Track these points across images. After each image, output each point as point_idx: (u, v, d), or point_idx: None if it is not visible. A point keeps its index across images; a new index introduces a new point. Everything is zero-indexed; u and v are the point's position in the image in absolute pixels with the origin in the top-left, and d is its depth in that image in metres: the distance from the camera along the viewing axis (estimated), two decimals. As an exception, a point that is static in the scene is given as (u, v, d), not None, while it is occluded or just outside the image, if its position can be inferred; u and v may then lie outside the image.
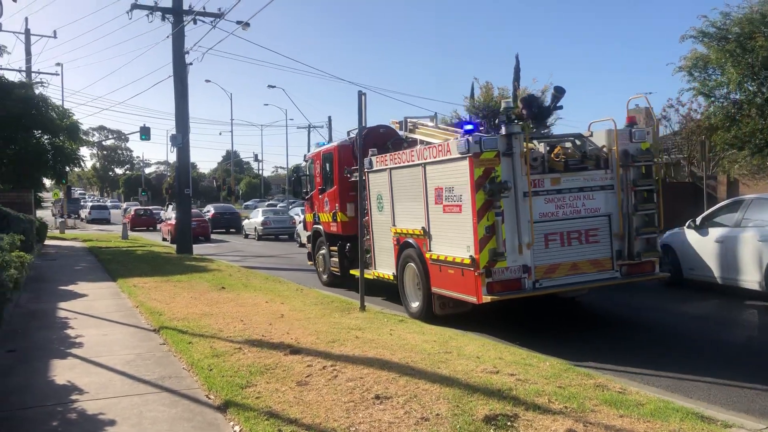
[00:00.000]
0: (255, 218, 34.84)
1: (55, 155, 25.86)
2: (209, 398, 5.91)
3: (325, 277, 14.69)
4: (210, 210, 41.27)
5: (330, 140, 29.11)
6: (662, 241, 11.86)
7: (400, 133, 12.21)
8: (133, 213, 48.98)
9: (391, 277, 11.02)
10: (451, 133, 9.84)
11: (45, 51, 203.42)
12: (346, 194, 13.19)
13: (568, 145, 9.57)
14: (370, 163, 11.51)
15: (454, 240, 9.03)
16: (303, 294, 12.22)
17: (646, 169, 9.23)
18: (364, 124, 10.83)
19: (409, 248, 10.29)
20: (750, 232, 10.70)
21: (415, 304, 10.19)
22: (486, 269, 8.38)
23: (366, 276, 11.10)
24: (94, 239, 32.24)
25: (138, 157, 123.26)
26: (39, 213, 33.19)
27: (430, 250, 9.69)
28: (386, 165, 10.97)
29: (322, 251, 14.69)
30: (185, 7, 23.64)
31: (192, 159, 25.82)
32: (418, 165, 9.87)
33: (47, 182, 33.42)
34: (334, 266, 14.06)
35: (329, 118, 59.18)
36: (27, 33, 37.88)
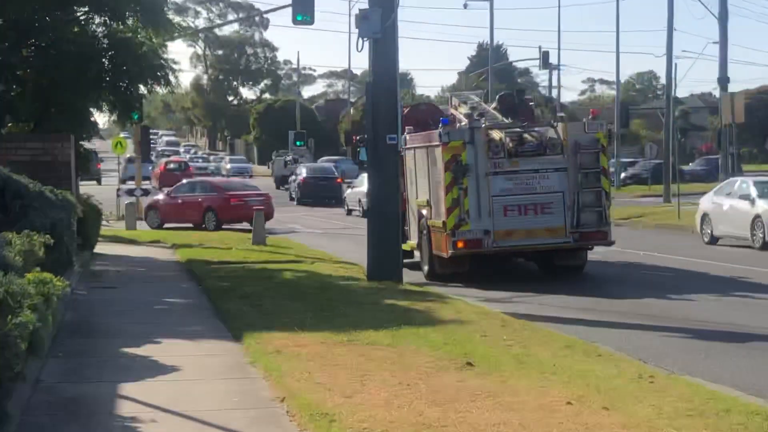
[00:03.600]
0: (360, 186, 42.78)
1: (117, 61, 27.57)
2: None
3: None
4: (301, 172, 53.29)
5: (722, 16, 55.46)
6: None
7: (443, 108, 28.30)
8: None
9: (415, 244, 26.22)
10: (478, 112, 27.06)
11: None
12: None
13: (534, 134, 26.90)
14: (405, 141, 25.72)
15: (439, 209, 24.49)
16: (654, 388, 11.92)
17: (595, 155, 25.15)
18: None
19: (422, 219, 25.73)
20: None
21: (425, 267, 25.47)
22: (452, 231, 23.85)
23: (404, 247, 25.89)
24: (195, 242, 34.22)
25: (289, 62, 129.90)
26: (86, 186, 35.89)
27: (431, 218, 25.06)
28: (414, 144, 26.47)
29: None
30: None
31: (405, 65, 26.44)
32: (425, 147, 25.48)
33: (102, 119, 35.96)
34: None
35: None
36: None
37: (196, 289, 21.82)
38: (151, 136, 54.63)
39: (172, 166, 53.80)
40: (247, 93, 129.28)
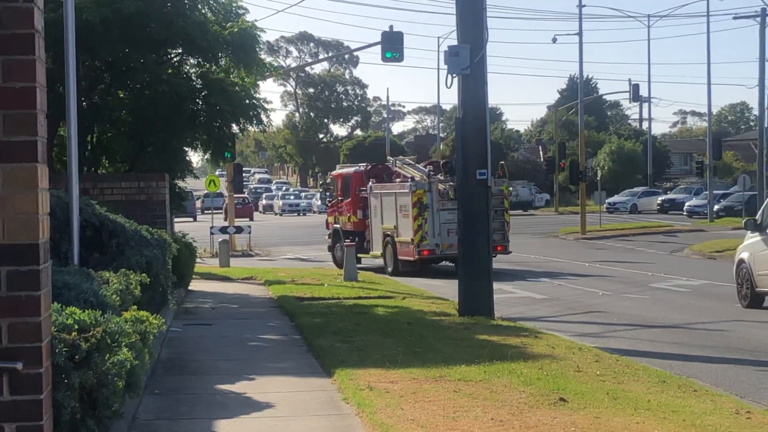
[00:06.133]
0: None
1: (210, 100, 27.99)
2: None
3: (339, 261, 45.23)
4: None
5: None
6: None
7: (391, 166, 50.98)
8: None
9: (379, 254, 46.63)
10: (416, 170, 46.36)
11: None
12: (357, 204, 48.78)
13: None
14: (371, 188, 47.47)
15: (407, 231, 43.72)
16: (751, 423, 11.77)
17: (500, 199, 44.03)
18: None
19: (387, 237, 45.86)
20: None
21: (389, 268, 45.17)
22: (417, 244, 42.90)
23: (364, 256, 47.38)
24: (287, 279, 34.49)
25: (378, 99, 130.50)
26: (180, 224, 36.21)
27: (398, 236, 44.63)
28: (379, 191, 47.10)
29: (338, 244, 47.20)
30: None
31: (493, 100, 26.36)
32: (392, 193, 45.80)
33: (196, 158, 36.41)
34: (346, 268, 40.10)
35: None
36: None
37: (288, 325, 21.96)
38: (243, 174, 55.89)
39: (236, 201, 57.70)
40: (338, 130, 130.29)
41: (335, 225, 49.99)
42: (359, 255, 44.50)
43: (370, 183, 47.76)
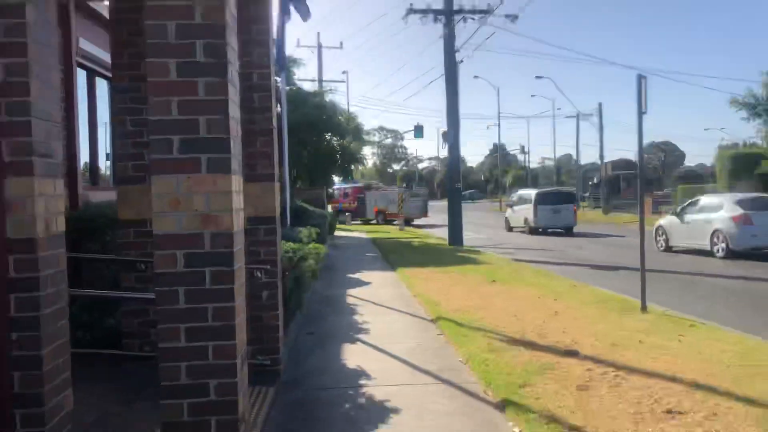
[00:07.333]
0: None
1: (342, 155, 28.25)
2: (486, 394, 5.82)
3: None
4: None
5: (600, 127, 49.93)
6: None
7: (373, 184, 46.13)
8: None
9: (372, 218, 38.91)
10: (389, 189, 45.11)
11: (334, 61, 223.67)
12: (353, 200, 40.36)
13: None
14: (367, 190, 41.13)
15: (394, 208, 36.59)
16: (577, 290, 11.66)
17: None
18: (644, 110, 9.98)
19: (378, 210, 38.71)
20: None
21: (375, 221, 38.14)
22: (399, 212, 34.83)
23: (362, 219, 39.76)
24: (376, 231, 34.55)
25: (412, 153, 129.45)
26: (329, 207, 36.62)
27: (387, 210, 38.29)
28: (374, 191, 41.26)
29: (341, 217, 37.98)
30: (455, 7, 24.18)
31: (461, 153, 26.31)
32: (385, 190, 42.13)
33: (335, 179, 36.62)
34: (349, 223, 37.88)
35: (599, 105, 54.59)
36: (319, 47, 41.95)
37: (376, 250, 21.98)
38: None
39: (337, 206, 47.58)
40: (395, 167, 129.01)
41: (340, 210, 41.54)
42: (360, 218, 39.39)
43: (365, 192, 40.73)
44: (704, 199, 19.39)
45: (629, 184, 51.57)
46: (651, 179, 56.78)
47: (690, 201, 20.32)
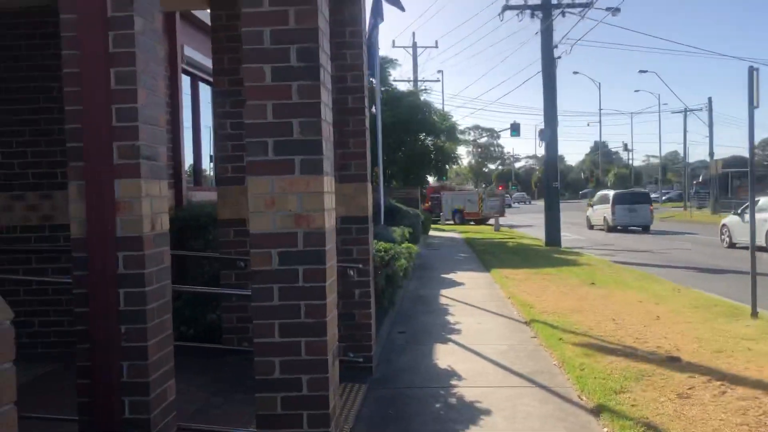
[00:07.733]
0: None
1: (437, 154, 28.13)
2: (581, 399, 5.68)
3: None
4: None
5: (710, 123, 49.63)
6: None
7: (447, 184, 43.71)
8: None
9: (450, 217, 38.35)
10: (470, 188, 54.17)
11: (428, 61, 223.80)
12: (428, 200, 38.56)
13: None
14: (441, 192, 39.98)
15: (473, 208, 38.05)
16: (681, 294, 11.15)
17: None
18: (756, 104, 9.43)
19: (455, 210, 38.04)
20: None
21: (450, 222, 37.18)
22: (479, 212, 37.75)
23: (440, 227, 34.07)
24: (469, 231, 34.31)
25: (508, 152, 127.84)
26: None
27: (465, 210, 37.98)
28: (449, 191, 40.63)
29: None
30: (553, 1, 23.65)
31: (559, 151, 25.63)
32: (464, 191, 42.40)
33: (430, 179, 36.60)
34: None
35: (709, 99, 51.20)
36: (414, 46, 42.12)
37: (470, 250, 21.84)
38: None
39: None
40: (491, 166, 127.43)
41: (427, 210, 39.43)
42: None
43: (441, 192, 40.45)
44: (763, 199, 20.76)
45: (741, 182, 48.63)
46: (763, 176, 53.28)
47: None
